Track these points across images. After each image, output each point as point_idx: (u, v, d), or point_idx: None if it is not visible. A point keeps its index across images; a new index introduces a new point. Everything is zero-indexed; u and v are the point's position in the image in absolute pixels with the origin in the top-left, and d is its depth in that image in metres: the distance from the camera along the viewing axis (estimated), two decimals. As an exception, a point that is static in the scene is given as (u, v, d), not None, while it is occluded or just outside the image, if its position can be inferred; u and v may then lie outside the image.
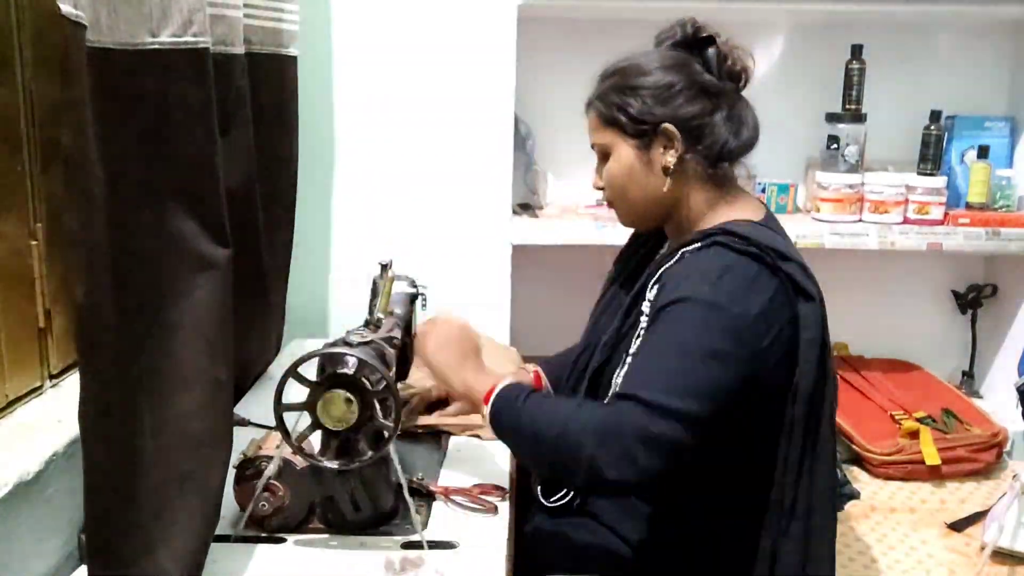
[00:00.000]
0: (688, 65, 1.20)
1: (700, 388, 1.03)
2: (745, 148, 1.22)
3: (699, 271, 1.11)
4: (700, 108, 1.18)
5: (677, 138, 1.18)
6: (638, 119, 1.19)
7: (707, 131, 1.19)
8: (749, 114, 1.23)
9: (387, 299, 1.28)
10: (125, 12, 0.92)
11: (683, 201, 1.22)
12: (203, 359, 1.00)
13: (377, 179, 1.96)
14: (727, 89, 1.21)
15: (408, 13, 1.89)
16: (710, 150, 1.19)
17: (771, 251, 1.11)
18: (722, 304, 1.06)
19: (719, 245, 1.13)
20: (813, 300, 1.11)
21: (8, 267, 1.13)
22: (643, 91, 1.19)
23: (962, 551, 1.63)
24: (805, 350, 1.10)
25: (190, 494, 0.99)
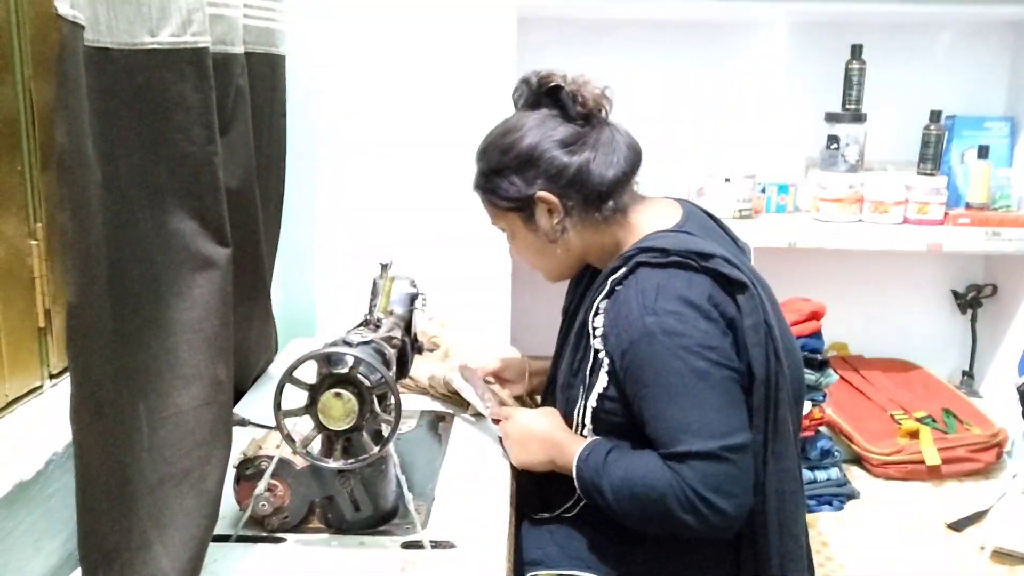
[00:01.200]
0: (542, 125, 1.22)
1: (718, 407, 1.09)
2: (625, 175, 1.23)
3: (636, 303, 1.12)
4: (566, 163, 1.20)
5: (553, 200, 1.21)
6: (512, 197, 1.24)
7: (580, 179, 1.21)
8: (619, 141, 1.23)
9: (387, 299, 1.28)
10: (124, 12, 0.92)
11: (590, 244, 1.26)
12: (203, 358, 1.00)
13: (377, 179, 1.96)
14: (586, 131, 1.22)
15: (408, 13, 1.89)
16: (591, 195, 1.21)
17: (691, 255, 1.14)
18: (669, 329, 1.09)
19: (641, 265, 1.15)
20: (747, 289, 1.14)
21: (8, 267, 1.13)
22: (507, 170, 1.23)
23: (962, 551, 1.63)
24: (750, 336, 1.13)
25: (188, 494, 0.98)
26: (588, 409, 1.20)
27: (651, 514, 1.12)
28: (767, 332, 1.14)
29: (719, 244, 1.20)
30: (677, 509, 1.08)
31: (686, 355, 1.09)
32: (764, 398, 1.14)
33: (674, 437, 1.10)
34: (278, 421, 1.04)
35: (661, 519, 1.11)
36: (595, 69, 1.27)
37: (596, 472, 1.16)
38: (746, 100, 2.14)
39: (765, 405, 1.14)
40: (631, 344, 1.12)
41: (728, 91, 2.14)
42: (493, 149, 1.26)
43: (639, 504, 1.12)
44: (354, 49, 1.91)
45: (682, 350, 1.09)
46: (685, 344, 1.09)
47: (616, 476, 1.14)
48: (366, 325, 1.20)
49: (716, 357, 1.10)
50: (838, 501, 1.77)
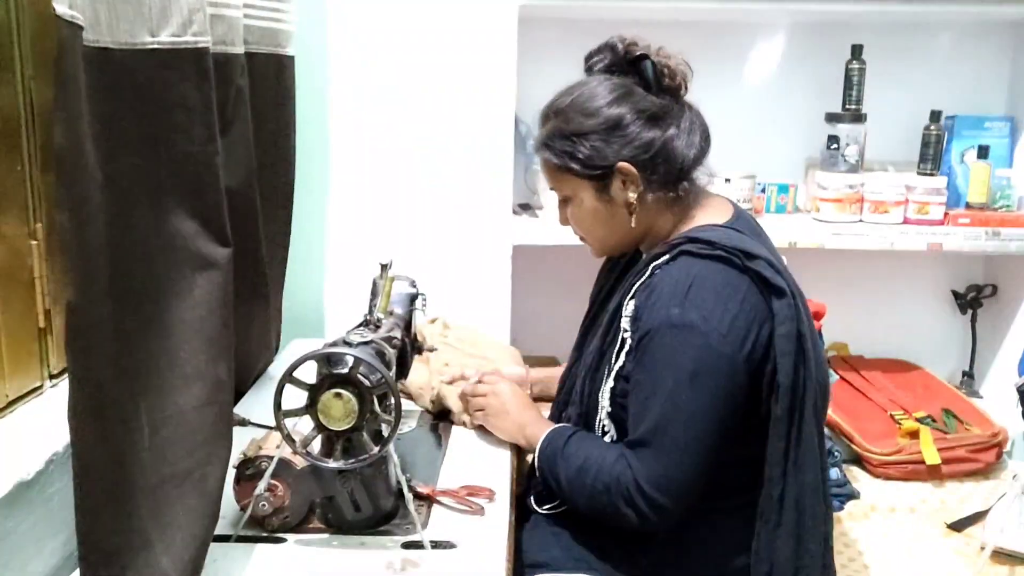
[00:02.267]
0: (630, 94, 1.18)
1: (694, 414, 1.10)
2: (701, 156, 1.22)
3: (668, 290, 1.12)
4: (652, 137, 1.17)
5: (635, 174, 1.18)
6: (591, 164, 1.18)
7: (662, 157, 1.18)
8: (696, 121, 1.22)
9: (387, 299, 1.28)
10: (125, 11, 0.92)
11: (651, 225, 1.24)
12: (203, 358, 1.00)
13: (377, 179, 1.96)
14: (671, 106, 1.19)
15: (409, 13, 1.89)
16: (669, 175, 1.19)
17: (736, 252, 1.12)
18: (692, 323, 1.09)
19: (685, 254, 1.14)
20: (785, 295, 1.12)
21: (8, 267, 1.13)
22: (591, 134, 1.18)
23: (962, 551, 1.63)
24: (780, 345, 1.11)
25: (189, 494, 0.98)
26: (607, 391, 1.20)
27: (597, 504, 1.16)
28: (799, 341, 1.12)
29: (765, 247, 1.19)
30: (618, 500, 1.13)
31: (692, 353, 1.09)
32: (788, 408, 1.12)
33: (638, 424, 1.13)
34: (278, 421, 1.04)
35: (605, 510, 1.15)
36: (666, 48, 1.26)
37: (555, 456, 1.21)
38: (746, 100, 2.14)
39: (789, 415, 1.12)
40: (650, 330, 1.12)
41: (728, 91, 2.14)
42: (575, 111, 1.19)
43: (588, 494, 1.17)
44: (354, 49, 1.90)
45: (691, 347, 1.09)
46: (697, 343, 1.08)
47: (573, 465, 1.19)
48: (366, 325, 1.20)
49: (721, 364, 1.09)
50: (838, 501, 1.77)
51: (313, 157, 1.91)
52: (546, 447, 1.23)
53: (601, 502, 1.15)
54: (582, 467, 1.17)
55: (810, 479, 1.14)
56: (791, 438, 1.13)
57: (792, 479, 1.14)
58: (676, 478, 1.11)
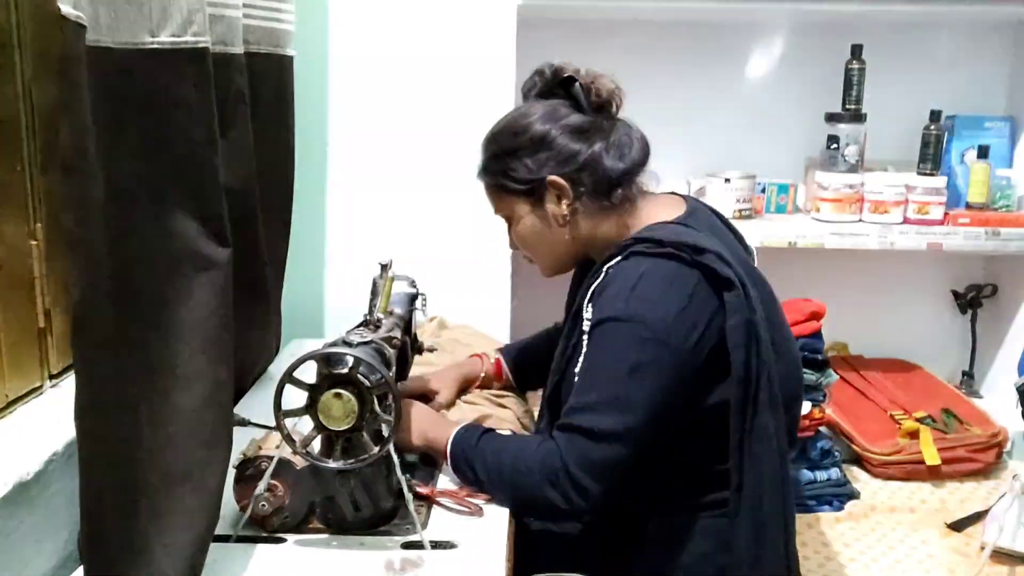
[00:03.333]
0: (555, 112, 1.23)
1: (630, 403, 1.10)
2: (635, 167, 1.24)
3: (616, 286, 1.14)
4: (577, 148, 1.21)
5: (564, 185, 1.21)
6: (522, 179, 1.23)
7: (590, 168, 1.21)
8: (631, 135, 1.25)
9: (387, 299, 1.28)
10: (125, 12, 0.92)
11: (593, 236, 1.26)
12: (203, 358, 1.00)
13: (377, 179, 1.96)
14: (599, 121, 1.23)
15: (409, 14, 1.89)
16: (599, 185, 1.22)
17: (685, 247, 1.14)
18: (636, 316, 1.10)
19: (635, 254, 1.16)
20: (734, 287, 1.13)
21: (8, 267, 1.13)
22: (520, 151, 1.23)
23: (962, 551, 1.63)
24: (731, 336, 1.12)
25: (189, 494, 0.98)
26: None
27: (520, 491, 1.15)
28: (748, 331, 1.12)
29: (720, 241, 1.20)
30: (543, 483, 1.12)
31: (636, 345, 1.10)
32: (742, 399, 1.12)
33: (579, 410, 1.13)
34: (278, 421, 1.04)
35: (528, 496, 1.14)
36: (595, 69, 1.27)
37: (468, 448, 1.20)
38: (746, 100, 2.14)
39: (742, 406, 1.13)
40: (597, 322, 1.13)
41: (728, 91, 2.14)
42: (505, 132, 1.26)
43: (509, 480, 1.16)
44: (354, 49, 1.91)
45: (635, 339, 1.10)
46: (642, 335, 1.10)
47: (491, 451, 1.19)
48: (366, 325, 1.20)
49: (665, 355, 1.10)
50: (838, 501, 1.77)
51: (313, 157, 1.91)
52: (458, 442, 1.22)
53: (524, 485, 1.14)
54: (500, 451, 1.18)
55: (767, 469, 1.14)
56: (745, 428, 1.13)
57: (749, 469, 1.14)
58: (606, 464, 1.11)
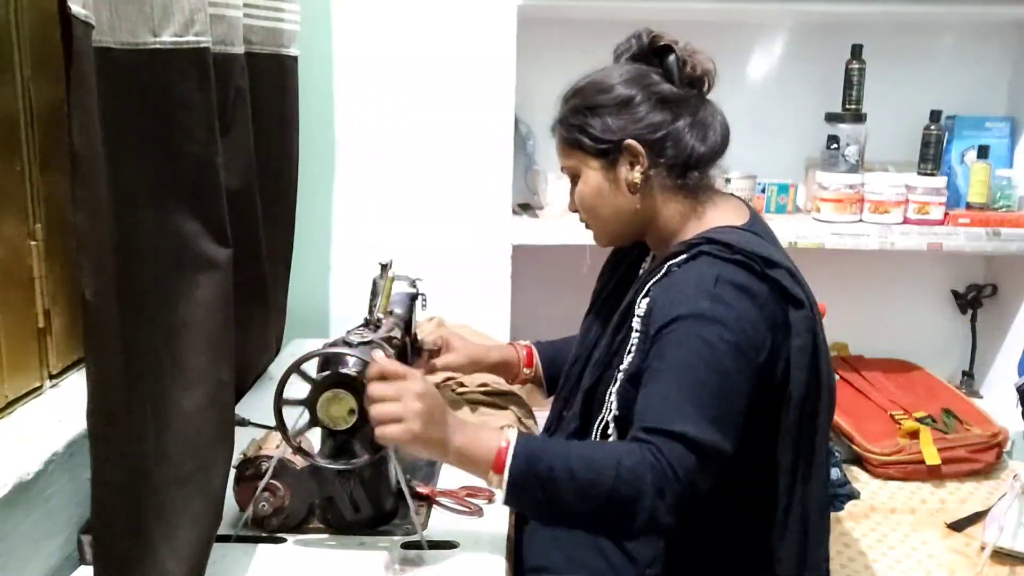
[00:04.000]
0: (645, 77, 1.18)
1: (729, 413, 1.03)
2: (714, 153, 1.20)
3: (693, 284, 1.09)
4: (661, 119, 1.16)
5: (641, 153, 1.17)
6: (599, 138, 1.18)
7: (671, 141, 1.17)
8: (716, 118, 1.20)
9: (387, 299, 1.28)
10: (127, 12, 0.92)
11: (657, 214, 1.21)
12: (205, 359, 1.00)
13: (377, 179, 1.96)
14: (688, 96, 1.19)
15: (409, 14, 1.89)
16: (676, 160, 1.17)
17: (757, 258, 1.10)
18: (722, 317, 1.05)
19: (705, 255, 1.11)
20: (803, 306, 1.10)
21: (8, 267, 1.12)
22: (602, 109, 1.18)
23: (962, 551, 1.63)
24: (796, 357, 1.09)
25: (193, 494, 0.98)
26: (615, 391, 1.16)
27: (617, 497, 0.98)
28: (813, 354, 1.10)
29: (781, 254, 1.17)
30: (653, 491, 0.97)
31: (723, 347, 1.04)
32: (798, 420, 1.10)
33: (669, 415, 1.02)
34: (278, 421, 1.04)
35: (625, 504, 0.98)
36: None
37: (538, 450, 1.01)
38: (746, 100, 2.14)
39: (798, 428, 1.10)
40: (676, 318, 1.06)
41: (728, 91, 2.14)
42: (589, 88, 1.20)
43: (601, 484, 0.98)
44: (355, 49, 1.91)
45: (722, 342, 1.04)
46: (727, 338, 1.04)
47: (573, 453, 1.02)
48: (366, 325, 1.20)
49: (745, 367, 1.05)
50: (838, 501, 1.77)
51: (314, 157, 1.91)
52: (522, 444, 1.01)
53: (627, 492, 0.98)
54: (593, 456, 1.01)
55: (815, 490, 1.13)
56: (800, 450, 1.11)
57: (799, 491, 1.12)
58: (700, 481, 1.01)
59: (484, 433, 1.04)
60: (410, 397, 0.99)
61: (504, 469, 0.99)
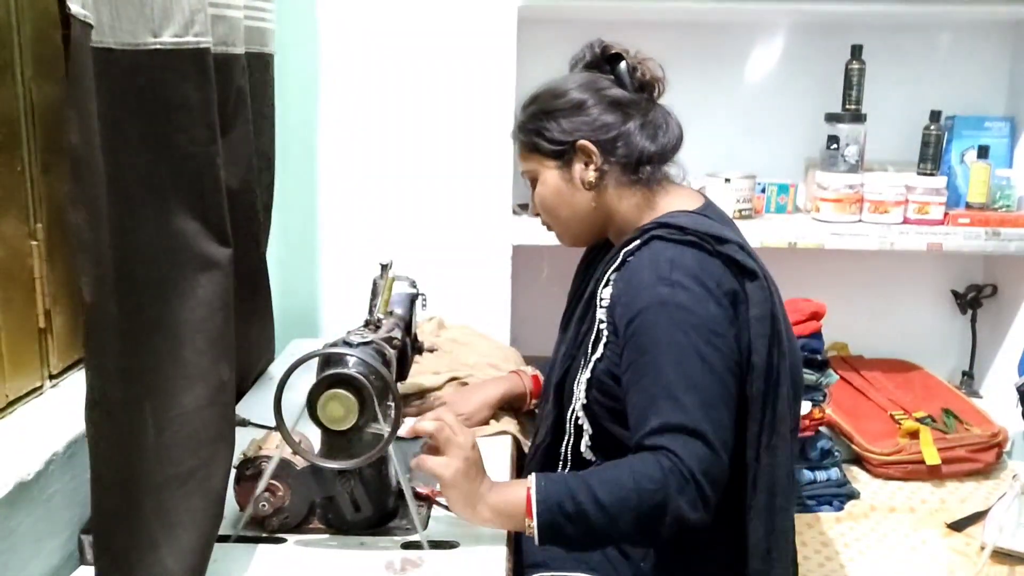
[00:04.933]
0: (597, 82, 1.25)
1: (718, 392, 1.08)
2: (666, 151, 1.26)
3: (647, 271, 1.13)
4: (612, 120, 1.23)
5: (594, 152, 1.23)
6: (555, 140, 1.25)
7: (622, 141, 1.23)
8: (667, 119, 1.27)
9: (387, 299, 1.28)
10: (127, 12, 0.92)
11: (614, 210, 1.26)
12: (206, 358, 1.00)
13: (377, 179, 1.96)
14: (639, 100, 1.25)
15: (409, 14, 1.89)
16: (628, 158, 1.23)
17: (707, 237, 1.14)
18: (684, 302, 1.09)
19: (656, 239, 1.16)
20: (757, 277, 1.14)
21: (8, 267, 1.13)
22: (557, 113, 1.24)
23: (962, 551, 1.63)
24: (755, 327, 1.13)
25: (194, 493, 0.99)
26: (583, 381, 1.20)
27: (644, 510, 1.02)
28: (772, 324, 1.14)
29: (734, 233, 1.21)
30: (675, 493, 1.01)
31: (693, 334, 1.08)
32: (763, 391, 1.13)
33: (661, 408, 1.05)
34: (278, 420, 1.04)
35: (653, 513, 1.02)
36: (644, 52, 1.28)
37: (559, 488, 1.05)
38: (746, 100, 2.14)
39: (763, 397, 1.13)
40: (640, 311, 1.11)
41: (728, 91, 2.14)
42: (546, 94, 1.27)
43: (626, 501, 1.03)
44: (354, 49, 1.91)
45: (691, 328, 1.08)
46: (695, 323, 1.09)
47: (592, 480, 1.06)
48: (366, 325, 1.20)
49: (721, 345, 1.09)
50: (838, 501, 1.77)
51: (314, 157, 1.91)
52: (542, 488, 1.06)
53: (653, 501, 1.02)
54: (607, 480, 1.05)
55: (782, 462, 1.15)
56: (764, 420, 1.14)
57: (765, 462, 1.14)
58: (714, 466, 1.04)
59: (511, 486, 1.11)
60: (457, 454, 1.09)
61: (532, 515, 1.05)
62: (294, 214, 1.84)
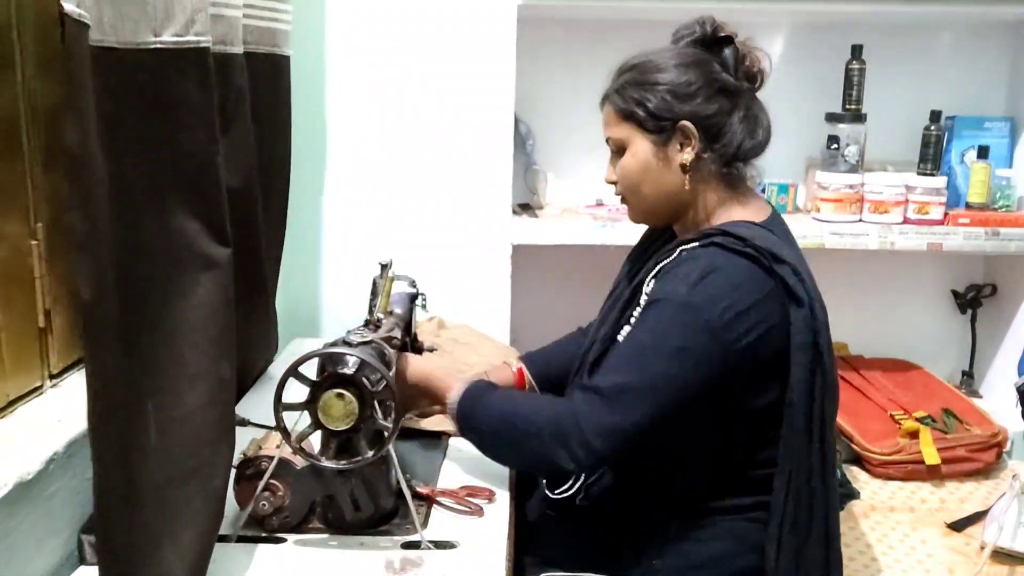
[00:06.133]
0: (707, 63, 1.20)
1: (664, 380, 1.09)
2: (759, 149, 1.23)
3: (686, 270, 1.13)
4: (718, 107, 1.19)
5: (695, 136, 1.18)
6: (657, 115, 1.19)
7: (724, 131, 1.19)
8: (764, 116, 1.23)
9: (387, 299, 1.28)
10: (128, 11, 0.92)
11: (696, 199, 1.23)
12: (206, 358, 1.00)
13: (377, 179, 1.96)
14: (744, 89, 1.21)
15: (409, 13, 1.89)
16: (726, 150, 1.20)
17: (766, 252, 1.12)
18: (695, 304, 1.09)
19: (715, 246, 1.14)
20: (803, 305, 1.11)
21: (8, 267, 1.13)
22: (661, 87, 1.19)
23: (962, 551, 1.63)
24: (795, 354, 1.11)
25: (195, 492, 0.99)
26: None
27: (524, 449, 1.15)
28: (814, 351, 1.12)
29: (796, 254, 1.19)
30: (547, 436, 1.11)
31: (685, 333, 1.08)
32: (807, 416, 1.12)
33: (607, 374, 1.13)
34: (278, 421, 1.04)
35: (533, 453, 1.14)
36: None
37: (474, 407, 1.19)
38: (746, 100, 2.14)
39: (808, 430, 1.12)
40: (655, 300, 1.13)
41: (728, 91, 2.14)
42: (650, 65, 1.21)
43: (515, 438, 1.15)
44: (354, 49, 1.91)
45: (685, 327, 1.09)
46: (691, 324, 1.08)
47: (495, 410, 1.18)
48: (366, 325, 1.20)
49: (715, 349, 1.08)
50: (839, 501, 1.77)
51: (313, 157, 1.91)
52: (467, 396, 1.20)
53: (529, 445, 1.14)
54: (512, 410, 1.17)
55: (832, 484, 1.16)
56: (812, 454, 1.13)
57: (820, 494, 1.14)
58: (617, 428, 1.09)
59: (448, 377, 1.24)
60: None
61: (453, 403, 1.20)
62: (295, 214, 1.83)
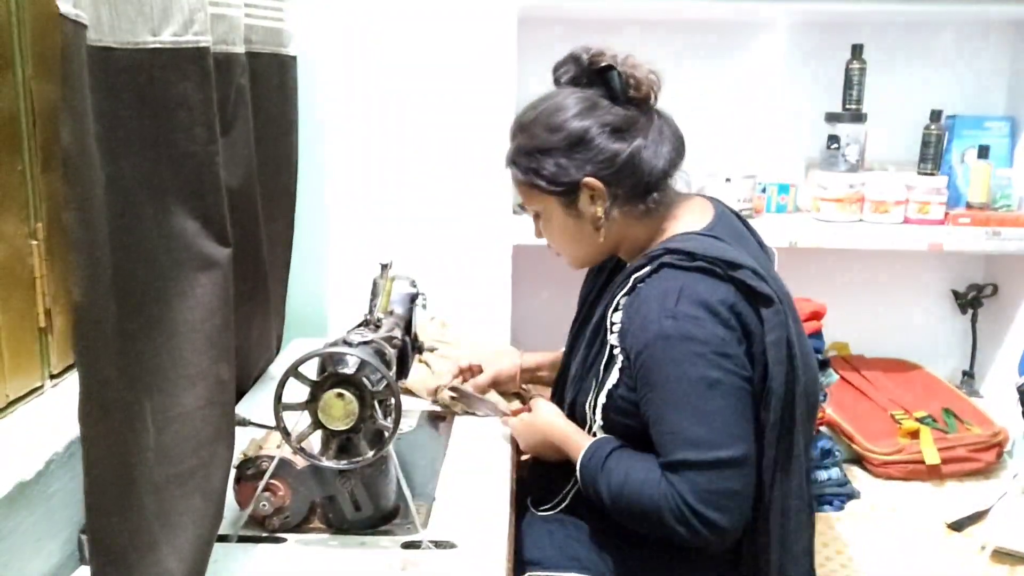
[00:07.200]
0: (595, 107, 1.17)
1: (729, 418, 1.07)
2: (672, 165, 1.20)
3: (656, 303, 1.11)
4: (617, 149, 1.16)
5: (600, 189, 1.17)
6: (556, 180, 1.18)
7: (629, 170, 1.17)
8: (667, 128, 1.20)
9: (387, 299, 1.28)
10: (126, 11, 0.92)
11: (626, 236, 1.23)
12: (205, 358, 1.00)
13: (378, 179, 1.96)
14: (638, 117, 1.18)
15: (409, 14, 1.89)
16: (636, 187, 1.18)
17: (718, 262, 1.11)
18: (688, 333, 1.07)
19: (665, 266, 1.13)
20: (772, 303, 1.11)
21: (8, 267, 1.13)
22: (555, 151, 1.17)
23: (962, 551, 1.63)
24: (772, 352, 1.10)
25: (194, 493, 0.99)
26: (599, 405, 1.19)
27: (646, 523, 1.12)
28: (788, 348, 1.11)
29: (748, 252, 1.17)
30: (670, 520, 1.08)
31: (700, 362, 1.07)
32: (780, 416, 1.11)
33: (671, 445, 1.09)
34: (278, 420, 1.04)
35: (655, 528, 1.10)
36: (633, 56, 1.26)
37: (596, 474, 1.16)
38: (746, 100, 2.14)
39: (780, 422, 1.11)
40: (646, 345, 1.10)
41: (728, 91, 2.14)
42: (539, 127, 1.18)
43: (634, 512, 1.12)
44: (355, 50, 1.91)
45: (697, 357, 1.07)
46: (700, 351, 1.07)
47: (615, 481, 1.14)
48: (366, 325, 1.20)
49: (730, 366, 1.08)
50: (838, 501, 1.77)
51: (313, 157, 1.91)
52: (588, 460, 1.18)
53: (649, 521, 1.11)
54: (624, 483, 1.13)
55: (795, 484, 1.14)
56: (780, 446, 1.13)
57: (779, 486, 1.13)
58: (724, 493, 1.07)
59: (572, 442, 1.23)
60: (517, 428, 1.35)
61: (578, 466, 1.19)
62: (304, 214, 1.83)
